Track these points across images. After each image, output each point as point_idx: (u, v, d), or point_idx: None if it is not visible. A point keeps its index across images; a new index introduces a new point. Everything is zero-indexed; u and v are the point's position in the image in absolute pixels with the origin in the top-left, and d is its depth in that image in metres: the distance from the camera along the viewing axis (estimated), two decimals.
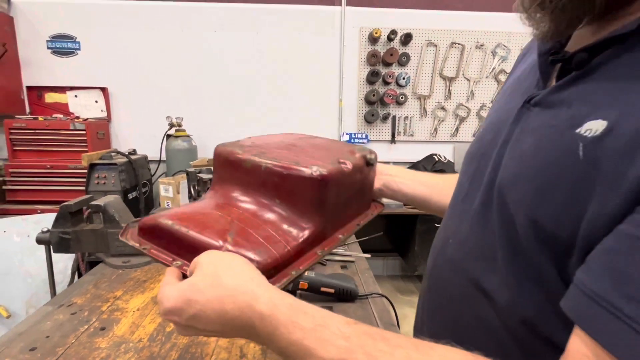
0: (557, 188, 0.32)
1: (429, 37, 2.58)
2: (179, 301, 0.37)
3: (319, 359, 0.32)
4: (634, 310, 0.25)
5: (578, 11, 0.34)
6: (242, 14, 2.47)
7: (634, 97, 0.29)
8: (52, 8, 2.35)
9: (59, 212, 1.19)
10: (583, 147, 0.31)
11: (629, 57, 0.32)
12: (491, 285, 0.38)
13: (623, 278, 0.26)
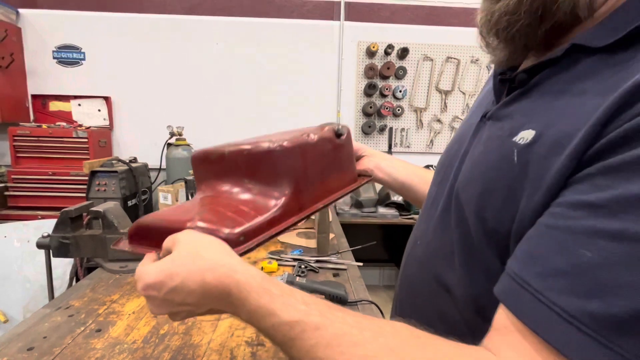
0: (497, 189, 0.36)
1: (425, 51, 2.64)
2: (160, 275, 0.38)
3: (280, 319, 0.34)
4: (540, 283, 0.29)
5: (525, 40, 0.38)
6: (243, 27, 2.54)
7: (556, 110, 0.34)
8: (58, 19, 2.43)
9: (59, 218, 1.22)
10: (517, 153, 0.35)
11: (556, 78, 0.37)
12: (450, 281, 0.42)
13: (533, 259, 0.30)
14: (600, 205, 0.28)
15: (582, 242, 0.28)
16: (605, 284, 0.26)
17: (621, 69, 0.31)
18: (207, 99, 2.59)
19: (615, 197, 0.27)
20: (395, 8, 2.60)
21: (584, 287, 0.27)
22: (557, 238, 0.29)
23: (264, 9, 2.54)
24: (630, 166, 0.27)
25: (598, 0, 0.35)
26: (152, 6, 2.47)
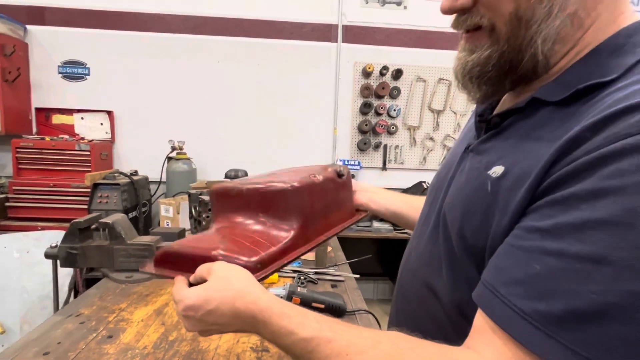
0: (475, 213, 0.44)
1: (418, 72, 2.77)
2: (198, 300, 0.47)
3: (298, 336, 0.42)
4: (505, 290, 0.36)
5: (493, 88, 0.46)
6: (244, 47, 2.64)
7: (520, 152, 0.42)
8: (65, 36, 2.51)
9: (68, 229, 1.26)
10: (490, 184, 0.43)
11: (521, 123, 0.45)
12: (438, 287, 0.50)
13: (500, 270, 0.38)
14: (546, 230, 0.35)
15: (533, 259, 0.35)
16: (548, 290, 0.34)
17: (568, 119, 0.39)
18: (208, 114, 2.67)
19: (556, 224, 0.35)
20: (389, 32, 2.74)
21: (534, 293, 0.34)
22: (517, 255, 0.37)
23: (264, 30, 2.65)
24: (565, 201, 0.34)
25: (552, 61, 0.43)
26: (156, 25, 2.57)
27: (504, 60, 0.43)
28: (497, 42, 0.43)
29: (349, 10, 2.69)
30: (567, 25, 0.41)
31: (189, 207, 1.56)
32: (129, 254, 1.26)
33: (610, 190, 0.32)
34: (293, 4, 2.64)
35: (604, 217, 0.32)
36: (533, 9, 0.40)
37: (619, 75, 0.38)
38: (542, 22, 0.40)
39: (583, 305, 0.32)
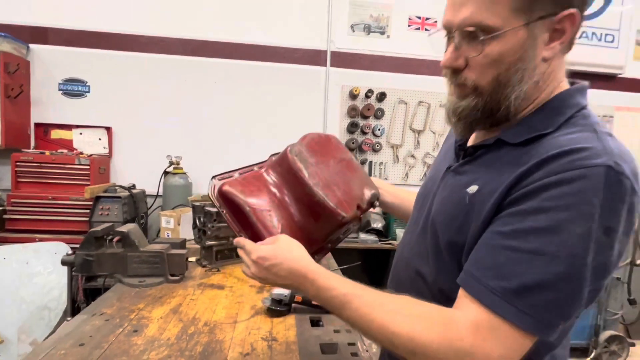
0: (456, 217, 0.61)
1: (400, 95, 3.01)
2: (269, 253, 0.66)
3: (338, 291, 0.59)
4: (479, 274, 0.53)
5: (474, 126, 0.64)
6: (239, 69, 2.82)
7: (489, 175, 0.59)
8: (67, 55, 2.61)
9: (86, 237, 1.37)
10: (468, 198, 0.60)
11: (490, 155, 0.62)
12: (425, 272, 0.66)
13: (477, 261, 0.55)
14: (506, 233, 0.52)
15: (498, 252, 0.52)
16: (508, 273, 0.51)
17: (522, 156, 0.55)
18: (204, 131, 2.81)
19: (513, 229, 0.52)
20: (374, 58, 2.98)
21: (499, 275, 0.51)
22: (488, 250, 0.54)
23: (259, 54, 2.84)
24: (519, 214, 0.52)
25: (518, 111, 0.60)
26: (156, 47, 2.72)
27: (487, 109, 0.60)
28: (481, 95, 0.59)
29: (337, 38, 2.92)
30: (532, 89, 0.58)
31: (193, 218, 1.69)
32: (142, 260, 1.39)
33: (546, 208, 0.50)
34: (286, 31, 2.85)
35: (541, 226, 0.50)
36: (510, 77, 0.57)
37: (554, 129, 0.56)
38: (515, 86, 0.57)
39: (529, 282, 0.49)
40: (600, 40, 3.12)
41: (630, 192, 0.49)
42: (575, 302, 0.49)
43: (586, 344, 2.56)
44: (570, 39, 0.56)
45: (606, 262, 0.50)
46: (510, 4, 0.52)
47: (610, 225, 0.48)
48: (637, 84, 3.31)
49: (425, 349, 0.52)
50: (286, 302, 1.16)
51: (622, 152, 0.51)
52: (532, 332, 0.50)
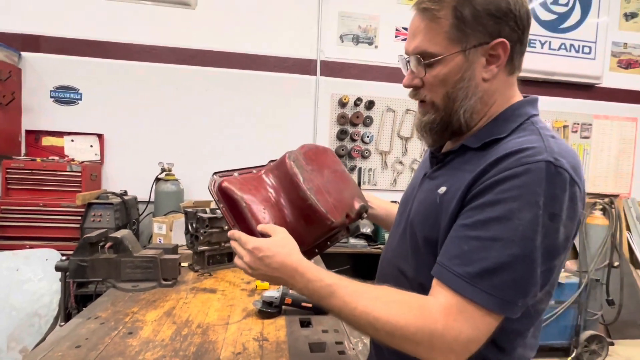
0: (429, 218, 0.68)
1: (388, 104, 3.10)
2: (265, 245, 0.70)
3: (325, 282, 0.65)
4: (448, 262, 0.60)
5: (438, 137, 0.72)
6: (231, 77, 2.87)
7: (455, 178, 0.67)
8: (59, 63, 2.64)
9: (80, 243, 1.40)
10: (439, 198, 0.67)
11: (456, 160, 0.70)
12: (406, 269, 0.73)
13: (446, 252, 0.61)
14: (469, 225, 0.59)
15: (463, 242, 0.59)
16: (471, 259, 0.57)
17: (480, 158, 0.64)
18: (195, 138, 2.84)
19: (474, 221, 0.59)
20: (363, 67, 3.06)
21: (464, 262, 0.58)
22: (454, 241, 0.61)
23: (250, 63, 2.90)
24: (478, 207, 0.59)
25: (471, 124, 0.69)
26: (148, 56, 2.76)
27: (443, 122, 0.70)
28: (437, 111, 0.70)
29: (326, 48, 3.01)
30: (478, 103, 0.68)
31: (186, 224, 1.73)
32: (135, 265, 1.42)
33: (499, 200, 0.57)
34: (277, 41, 2.92)
35: (497, 215, 0.57)
36: (457, 94, 0.67)
37: (507, 134, 0.65)
38: (462, 101, 0.67)
39: (490, 265, 0.56)
40: (578, 52, 3.27)
41: (569, 182, 0.57)
42: (530, 280, 0.56)
43: (567, 344, 2.65)
44: (508, 62, 0.66)
45: (554, 243, 0.57)
46: (447, 35, 0.64)
47: (554, 212, 0.56)
48: (614, 94, 3.46)
49: (402, 331, 0.58)
50: (277, 304, 1.21)
51: (562, 150, 0.59)
52: (496, 310, 0.56)
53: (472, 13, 0.62)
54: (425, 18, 0.66)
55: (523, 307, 0.58)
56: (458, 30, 0.64)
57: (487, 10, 0.62)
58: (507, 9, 0.63)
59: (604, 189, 3.47)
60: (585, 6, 3.25)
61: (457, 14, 0.63)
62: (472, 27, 0.63)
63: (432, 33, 0.65)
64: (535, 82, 3.28)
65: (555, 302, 2.63)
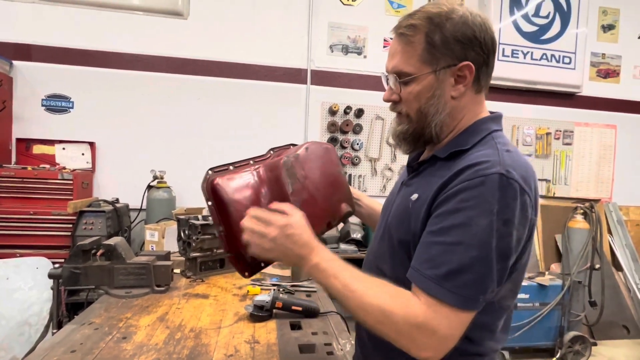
0: (403, 222, 0.74)
1: (377, 112, 3.17)
2: (295, 223, 0.73)
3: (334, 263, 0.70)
4: (420, 266, 0.65)
5: (411, 146, 0.79)
6: (223, 86, 2.92)
7: (426, 186, 0.72)
8: (51, 72, 2.65)
9: (73, 250, 1.42)
10: (411, 204, 0.73)
11: (429, 169, 0.77)
12: (384, 268, 0.79)
13: (418, 257, 0.67)
14: (435, 231, 0.65)
15: (431, 247, 0.65)
16: (438, 262, 0.63)
17: (447, 168, 0.70)
18: (187, 146, 2.88)
19: (439, 227, 0.65)
20: (352, 76, 3.14)
21: (432, 265, 0.63)
22: (424, 246, 0.67)
23: (241, 72, 2.95)
24: (442, 214, 0.65)
25: (442, 136, 0.76)
26: (140, 65, 2.79)
27: (416, 133, 0.77)
28: (411, 122, 0.77)
29: (316, 57, 3.08)
30: (447, 118, 0.75)
31: (178, 231, 1.76)
32: (128, 272, 1.45)
33: (460, 208, 0.64)
34: (268, 50, 2.99)
35: (458, 222, 0.63)
36: (428, 109, 0.74)
37: (471, 146, 0.72)
38: (434, 115, 0.74)
39: (454, 267, 0.62)
40: (559, 62, 3.40)
41: (520, 191, 0.63)
42: (488, 278, 0.62)
43: (552, 345, 2.72)
44: (474, 82, 0.73)
45: (508, 246, 0.63)
46: (421, 58, 0.72)
47: (507, 218, 0.62)
48: (593, 102, 3.59)
49: (389, 319, 0.63)
50: (268, 308, 1.25)
51: (515, 163, 0.66)
52: (461, 307, 0.62)
53: (442, 39, 0.70)
54: (401, 42, 0.74)
55: (484, 302, 0.63)
56: (429, 54, 0.71)
57: (455, 36, 0.70)
58: (473, 35, 0.70)
59: (586, 194, 3.58)
60: (565, 18, 3.39)
61: (429, 40, 0.71)
62: (442, 51, 0.71)
63: (407, 55, 0.73)
64: (518, 90, 3.40)
65: (539, 304, 2.70)
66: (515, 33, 3.30)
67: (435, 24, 0.71)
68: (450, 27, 0.70)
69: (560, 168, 3.56)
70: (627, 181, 3.69)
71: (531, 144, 3.48)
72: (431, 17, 0.71)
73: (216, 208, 0.86)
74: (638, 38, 3.67)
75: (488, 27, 0.72)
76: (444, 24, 0.70)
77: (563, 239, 2.99)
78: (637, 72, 3.69)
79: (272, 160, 0.98)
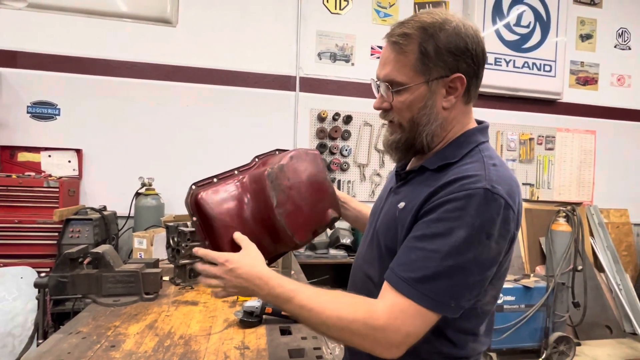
0: (390, 229, 0.76)
1: (365, 118, 3.22)
2: (233, 257, 0.77)
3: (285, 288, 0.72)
4: (396, 268, 0.68)
5: (402, 155, 0.81)
6: (211, 93, 2.93)
7: (413, 194, 0.75)
8: (37, 78, 2.63)
9: (60, 259, 1.41)
10: (398, 212, 0.76)
11: (416, 178, 0.79)
12: (372, 274, 0.80)
13: (397, 259, 0.69)
14: (417, 237, 0.68)
15: (411, 252, 0.68)
16: (416, 266, 0.66)
17: (435, 179, 0.73)
18: (176, 153, 2.87)
19: (421, 234, 0.68)
20: (340, 83, 3.19)
21: (409, 268, 0.66)
22: (404, 250, 0.69)
23: (230, 79, 2.97)
24: (425, 223, 0.68)
25: (432, 145, 0.78)
26: (128, 72, 2.78)
27: (407, 142, 0.79)
28: (404, 132, 0.79)
29: (305, 65, 3.12)
30: (438, 128, 0.77)
31: (167, 238, 1.75)
32: (117, 280, 1.45)
33: (443, 218, 0.66)
34: (256, 57, 3.01)
35: (439, 232, 0.66)
36: (420, 118, 0.76)
37: (458, 159, 0.75)
38: (425, 126, 0.76)
39: (429, 273, 0.65)
40: (540, 70, 3.51)
41: (504, 206, 0.66)
42: (462, 287, 0.65)
43: (538, 346, 2.77)
44: (465, 93, 0.75)
45: (488, 257, 0.66)
46: (414, 67, 0.73)
47: (488, 231, 0.65)
48: (573, 108, 3.72)
49: (350, 327, 0.66)
50: (257, 314, 1.26)
51: (500, 178, 0.69)
52: (432, 309, 0.65)
53: (435, 50, 0.71)
54: (394, 50, 0.74)
55: (457, 308, 0.66)
56: (422, 64, 0.72)
57: (448, 48, 0.71)
58: (465, 47, 0.72)
59: (568, 197, 3.69)
60: (545, 28, 3.51)
61: (422, 50, 0.71)
62: (434, 62, 0.72)
63: (400, 64, 0.74)
64: (502, 97, 3.49)
65: (525, 305, 2.76)
66: (498, 42, 3.40)
67: (429, 34, 0.71)
68: (443, 38, 0.71)
69: (543, 172, 3.66)
70: (607, 185, 3.81)
71: (515, 149, 3.57)
72: (425, 27, 0.71)
73: (201, 223, 0.86)
74: (614, 47, 3.82)
75: (480, 38, 0.74)
76: (438, 35, 0.70)
77: (547, 241, 3.07)
78: (614, 79, 3.84)
79: (257, 170, 0.98)
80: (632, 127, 3.85)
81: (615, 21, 3.80)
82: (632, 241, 3.83)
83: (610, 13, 3.78)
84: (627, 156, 3.85)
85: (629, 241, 3.82)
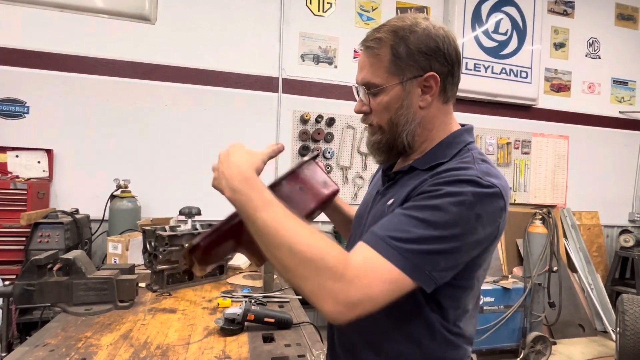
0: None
1: (348, 121, 3.22)
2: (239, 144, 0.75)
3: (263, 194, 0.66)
4: (378, 229, 0.66)
5: (385, 156, 0.80)
6: (192, 93, 2.86)
7: (401, 189, 0.75)
8: (4, 74, 2.49)
9: (26, 266, 1.32)
10: (386, 209, 0.75)
11: (405, 177, 0.79)
12: None
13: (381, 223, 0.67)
14: (405, 207, 0.66)
15: (395, 217, 0.66)
16: (398, 228, 0.63)
17: (425, 175, 0.73)
18: (154, 154, 2.78)
19: (411, 205, 0.66)
20: (323, 86, 3.18)
21: (390, 229, 0.64)
22: (389, 218, 0.67)
23: (212, 79, 2.90)
24: (416, 199, 0.67)
25: (415, 146, 0.78)
26: (104, 70, 2.68)
27: (388, 143, 0.79)
28: (383, 133, 0.79)
29: (288, 66, 3.09)
30: (417, 128, 0.77)
31: (144, 243, 1.68)
32: (89, 287, 1.38)
33: (436, 195, 0.65)
34: (239, 58, 2.96)
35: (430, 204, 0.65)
36: (399, 119, 0.76)
37: (448, 159, 0.75)
38: (404, 126, 0.76)
39: (411, 236, 0.63)
40: (517, 76, 3.61)
41: (496, 195, 0.66)
42: (440, 256, 0.63)
43: (516, 346, 2.83)
44: (441, 92, 0.76)
45: (476, 238, 0.66)
46: (387, 69, 0.75)
47: (478, 212, 0.65)
48: (548, 114, 3.84)
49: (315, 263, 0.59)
50: (239, 321, 1.22)
51: (491, 172, 0.70)
52: (405, 271, 0.61)
53: (406, 51, 0.73)
54: (369, 54, 0.77)
55: (431, 279, 0.63)
56: (395, 65, 0.74)
57: (419, 48, 0.73)
58: (436, 47, 0.74)
59: (543, 200, 3.81)
60: (521, 36, 3.62)
61: (394, 52, 0.74)
62: (407, 62, 0.73)
63: (374, 67, 0.76)
64: (481, 102, 3.57)
65: (504, 306, 2.82)
66: (477, 48, 3.48)
67: (399, 37, 0.74)
68: (414, 40, 0.73)
69: (520, 176, 3.76)
70: (579, 188, 3.95)
71: (493, 153, 3.66)
72: (396, 30, 0.74)
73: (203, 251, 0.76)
74: (585, 56, 3.99)
75: (451, 39, 0.76)
76: (408, 37, 0.73)
77: (524, 243, 3.14)
78: (586, 87, 4.00)
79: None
80: (602, 132, 4.02)
81: (587, 31, 3.97)
82: (602, 242, 3.99)
83: (581, 23, 3.94)
84: (598, 161, 4.02)
85: (599, 242, 3.97)
